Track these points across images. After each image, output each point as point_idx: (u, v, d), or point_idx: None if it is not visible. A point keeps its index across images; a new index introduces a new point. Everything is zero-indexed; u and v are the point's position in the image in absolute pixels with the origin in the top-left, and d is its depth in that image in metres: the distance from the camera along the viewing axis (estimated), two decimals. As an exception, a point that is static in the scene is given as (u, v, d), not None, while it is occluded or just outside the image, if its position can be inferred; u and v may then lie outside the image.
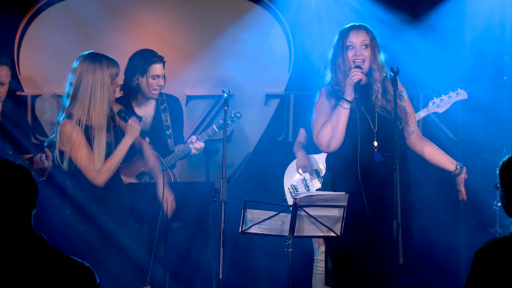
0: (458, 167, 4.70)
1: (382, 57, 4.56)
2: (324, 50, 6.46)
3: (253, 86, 6.60)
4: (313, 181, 5.65)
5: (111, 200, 4.67)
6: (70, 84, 4.62)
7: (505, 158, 3.03)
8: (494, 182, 5.25)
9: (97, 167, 4.53)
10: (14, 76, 5.96)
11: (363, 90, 4.50)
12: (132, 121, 4.68)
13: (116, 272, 4.61)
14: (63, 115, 4.58)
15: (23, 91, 6.17)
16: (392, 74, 4.37)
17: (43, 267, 2.60)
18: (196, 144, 5.23)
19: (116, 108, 4.76)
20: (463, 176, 4.72)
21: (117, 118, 4.73)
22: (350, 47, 4.52)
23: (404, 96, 4.63)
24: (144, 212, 4.94)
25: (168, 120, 5.48)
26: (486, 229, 6.08)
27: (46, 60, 6.16)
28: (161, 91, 5.43)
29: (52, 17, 6.18)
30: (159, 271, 4.96)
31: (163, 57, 5.41)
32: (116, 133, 4.70)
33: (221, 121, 5.16)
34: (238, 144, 5.96)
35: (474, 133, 6.31)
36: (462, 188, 4.73)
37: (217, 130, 5.28)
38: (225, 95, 4.61)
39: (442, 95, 5.58)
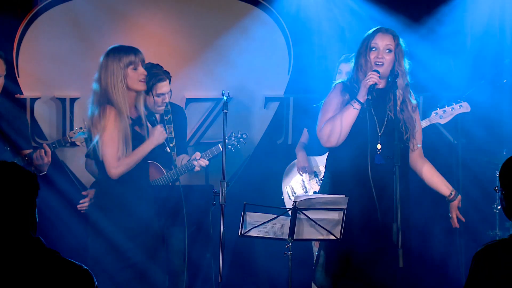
0: (453, 193, 4.66)
1: (406, 65, 4.55)
2: (323, 52, 6.50)
3: (253, 89, 6.60)
4: (311, 182, 5.65)
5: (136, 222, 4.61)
6: (96, 81, 4.57)
7: (505, 161, 3.03)
8: (493, 185, 5.27)
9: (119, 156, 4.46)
10: (13, 78, 5.95)
11: (379, 94, 4.49)
12: (160, 126, 4.67)
13: None
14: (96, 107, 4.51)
15: (22, 94, 6.16)
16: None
17: (41, 270, 2.59)
18: (201, 162, 5.21)
19: (147, 111, 4.75)
20: (456, 203, 4.66)
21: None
22: (374, 49, 4.50)
23: (417, 110, 4.64)
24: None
25: (172, 132, 5.45)
26: (486, 232, 6.08)
27: (45, 63, 6.14)
28: None
29: (51, 20, 6.16)
30: (158, 274, 4.95)
31: (169, 73, 5.33)
32: (147, 130, 4.66)
33: (226, 141, 5.11)
34: (237, 146, 5.93)
35: (474, 136, 6.31)
36: (454, 216, 4.67)
37: (221, 149, 5.26)
38: (225, 98, 4.60)
39: (446, 106, 5.56)
